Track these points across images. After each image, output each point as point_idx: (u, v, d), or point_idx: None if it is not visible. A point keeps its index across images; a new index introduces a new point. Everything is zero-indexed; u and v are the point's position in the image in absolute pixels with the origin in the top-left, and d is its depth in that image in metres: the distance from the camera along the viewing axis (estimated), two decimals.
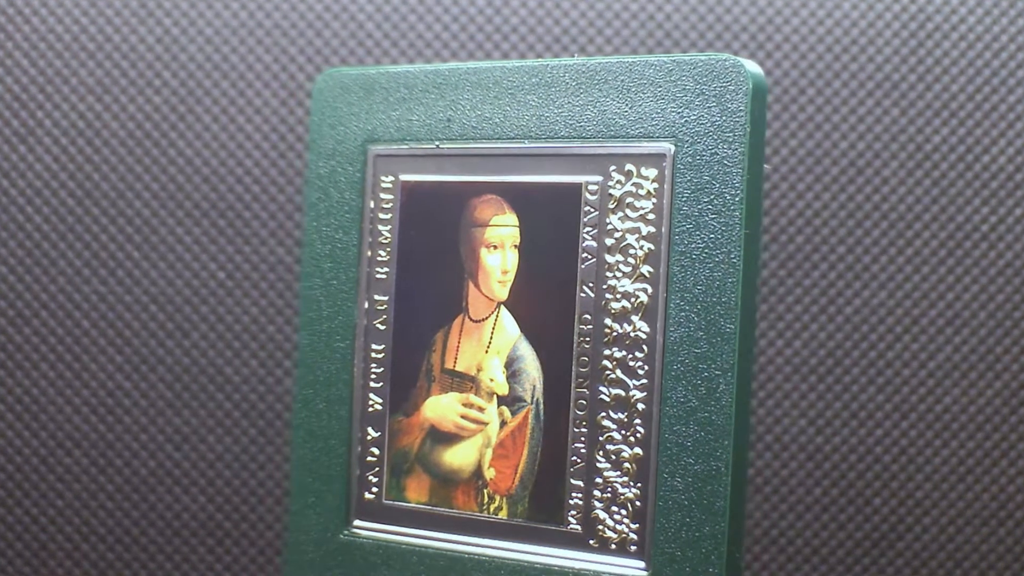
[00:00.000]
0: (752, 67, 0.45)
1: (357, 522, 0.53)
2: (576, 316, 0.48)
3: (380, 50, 0.70)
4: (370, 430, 0.53)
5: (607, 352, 0.47)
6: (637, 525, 0.47)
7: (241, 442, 0.70)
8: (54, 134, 0.70)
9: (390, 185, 0.52)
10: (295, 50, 0.70)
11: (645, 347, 0.46)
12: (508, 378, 0.49)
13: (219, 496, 0.70)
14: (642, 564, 0.46)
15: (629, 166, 0.47)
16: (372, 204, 0.52)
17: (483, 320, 0.50)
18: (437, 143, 0.51)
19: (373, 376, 0.52)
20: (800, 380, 0.69)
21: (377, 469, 0.52)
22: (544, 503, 0.49)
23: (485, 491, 0.50)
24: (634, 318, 0.47)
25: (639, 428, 0.47)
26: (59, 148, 0.70)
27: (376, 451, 0.52)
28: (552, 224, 0.48)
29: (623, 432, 0.47)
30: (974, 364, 0.69)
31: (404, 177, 0.52)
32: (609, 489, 0.47)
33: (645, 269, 0.46)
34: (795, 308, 0.69)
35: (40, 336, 0.70)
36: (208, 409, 0.70)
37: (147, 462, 0.70)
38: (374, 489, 0.52)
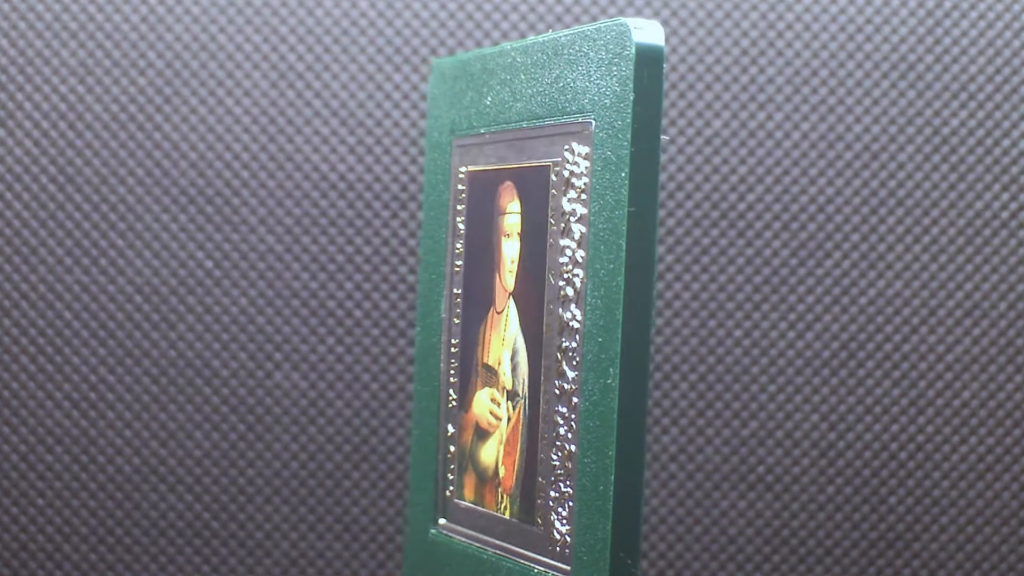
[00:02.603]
0: (642, 33, 0.43)
1: (441, 520, 0.53)
2: (544, 306, 0.47)
3: (375, 30, 0.70)
4: (449, 427, 0.53)
5: (557, 343, 0.46)
6: (569, 527, 0.45)
7: (229, 438, 0.70)
8: (35, 117, 0.70)
9: (463, 175, 0.52)
10: (285, 30, 0.70)
11: (577, 336, 0.45)
12: (511, 372, 0.49)
13: (206, 494, 0.70)
14: (568, 568, 0.45)
15: (574, 143, 0.46)
16: (452, 195, 0.53)
17: (502, 312, 0.50)
18: (483, 130, 0.51)
19: (452, 372, 0.53)
20: (812, 373, 0.70)
21: (452, 467, 0.53)
22: (525, 502, 0.48)
23: (499, 489, 0.49)
24: (572, 306, 0.45)
25: (573, 422, 0.45)
26: (40, 132, 0.70)
27: (452, 448, 0.52)
28: (537, 209, 0.48)
29: (565, 428, 0.46)
30: (993, 357, 0.69)
31: (469, 167, 0.52)
32: (557, 488, 0.46)
33: (579, 254, 0.45)
34: (807, 299, 0.70)
35: (20, 328, 0.70)
36: (195, 404, 0.70)
37: (131, 459, 0.70)
38: (451, 487, 0.53)
